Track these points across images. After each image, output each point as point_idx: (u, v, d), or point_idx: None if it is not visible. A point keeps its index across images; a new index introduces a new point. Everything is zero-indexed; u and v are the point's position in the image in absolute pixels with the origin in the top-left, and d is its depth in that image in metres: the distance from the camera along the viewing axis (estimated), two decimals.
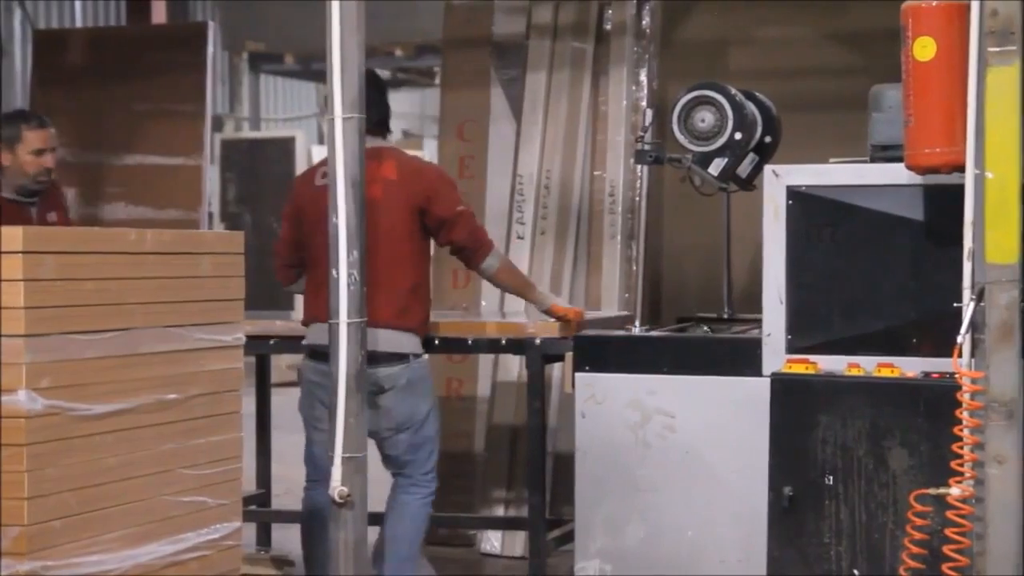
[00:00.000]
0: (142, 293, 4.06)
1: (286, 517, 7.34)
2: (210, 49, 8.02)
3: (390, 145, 6.18)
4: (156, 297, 4.11)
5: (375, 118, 5.70)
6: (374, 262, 5.49)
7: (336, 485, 5.23)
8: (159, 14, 11.28)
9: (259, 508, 7.26)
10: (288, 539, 7.41)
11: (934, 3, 4.93)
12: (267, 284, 6.48)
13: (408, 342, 5.81)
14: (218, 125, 15.17)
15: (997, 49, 4.64)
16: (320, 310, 5.47)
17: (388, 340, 5.72)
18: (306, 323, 5.89)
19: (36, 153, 6.14)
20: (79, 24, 13.00)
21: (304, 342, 5.91)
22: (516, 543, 7.21)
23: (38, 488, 3.71)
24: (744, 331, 5.80)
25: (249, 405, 5.36)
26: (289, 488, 7.41)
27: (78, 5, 13.14)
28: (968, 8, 4.76)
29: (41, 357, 3.72)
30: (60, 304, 3.80)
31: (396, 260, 5.78)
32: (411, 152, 18.75)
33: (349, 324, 5.20)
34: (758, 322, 5.55)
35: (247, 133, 16.98)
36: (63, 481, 3.79)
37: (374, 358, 5.52)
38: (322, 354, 5.44)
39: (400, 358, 5.78)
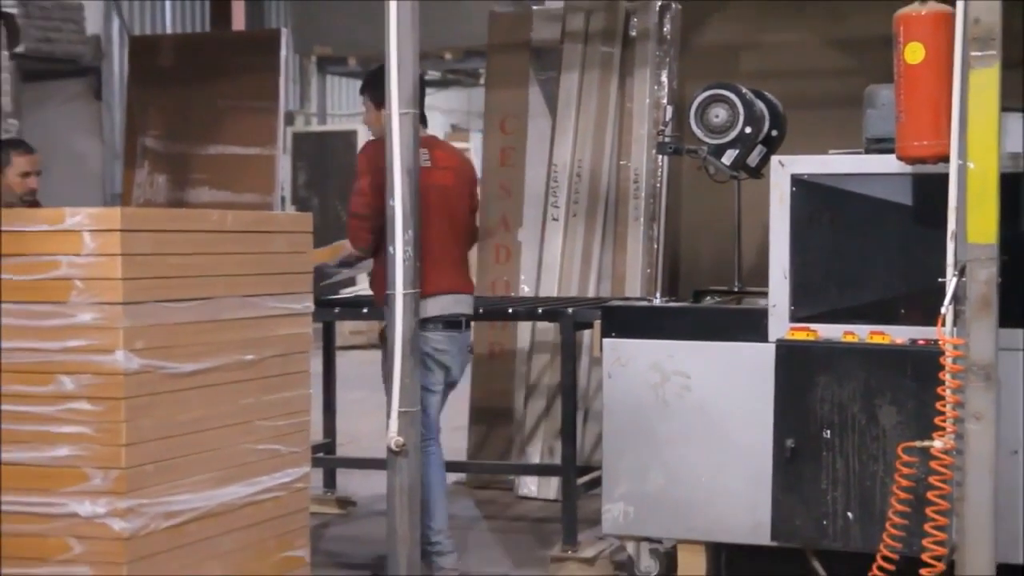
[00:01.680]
0: (223, 266, 4.08)
1: (349, 463, 7.38)
2: (283, 53, 8.01)
3: (432, 134, 6.14)
4: (236, 270, 4.12)
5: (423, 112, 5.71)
6: (456, 239, 5.75)
7: (393, 436, 5.25)
8: (239, 22, 11.31)
9: (325, 455, 7.27)
10: (350, 482, 7.45)
11: (923, 12, 4.90)
12: None
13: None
14: (289, 120, 15.19)
15: (979, 53, 4.62)
16: (443, 284, 5.56)
17: (471, 304, 5.85)
18: (427, 296, 5.52)
19: (23, 175, 6.37)
20: (169, 30, 13.02)
21: (429, 313, 5.54)
22: (550, 487, 7.21)
23: (134, 436, 3.73)
24: (752, 302, 5.78)
25: (316, 365, 5.38)
26: (352, 438, 7.43)
27: (168, 14, 13.15)
28: (953, 17, 4.74)
29: (136, 322, 3.74)
30: (153, 276, 3.81)
31: (465, 237, 5.91)
32: (457, 145, 18.81)
33: (405, 295, 5.22)
34: (764, 294, 5.53)
35: (315, 127, 16.96)
36: (155, 430, 3.81)
37: (463, 321, 5.72)
38: (453, 323, 5.61)
39: (471, 320, 5.90)
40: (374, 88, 5.69)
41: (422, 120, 5.50)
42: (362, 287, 11.52)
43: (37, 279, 3.75)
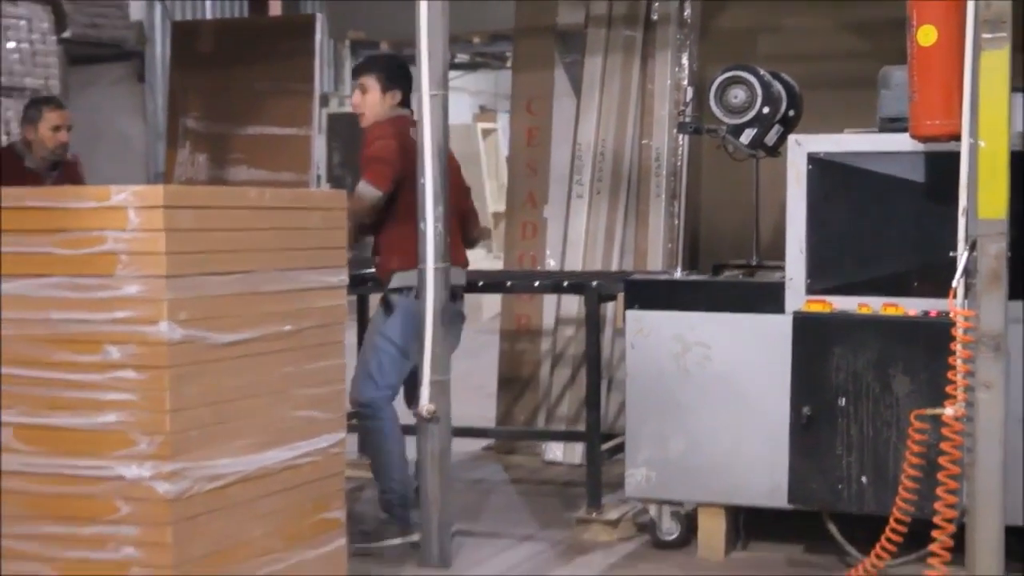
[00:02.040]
0: (262, 241, 4.08)
1: None
2: (318, 37, 8.00)
3: None
4: (274, 245, 4.12)
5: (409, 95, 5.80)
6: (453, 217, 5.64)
7: (425, 403, 5.26)
8: (275, 8, 11.31)
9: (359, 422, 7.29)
10: None
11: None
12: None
13: None
14: (324, 101, 15.19)
15: (990, 36, 4.60)
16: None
17: (461, 276, 5.82)
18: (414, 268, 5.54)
19: (54, 129, 6.43)
20: (209, 16, 13.03)
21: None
22: (575, 453, 7.22)
23: (177, 403, 3.74)
24: (770, 276, 5.77)
25: (351, 336, 5.39)
26: None
27: (208, 0, 13.20)
28: (965, 0, 4.74)
29: (180, 294, 3.74)
30: (195, 250, 3.81)
31: (457, 216, 5.87)
32: (485, 126, 18.68)
33: (435, 268, 5.23)
34: (781, 268, 5.53)
35: (348, 108, 16.97)
36: (198, 398, 3.82)
37: (457, 292, 5.71)
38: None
39: (462, 290, 5.87)
40: (383, 71, 5.80)
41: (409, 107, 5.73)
42: None
43: (85, 253, 3.75)
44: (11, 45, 9.31)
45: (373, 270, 6.02)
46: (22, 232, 3.85)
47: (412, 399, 5.67)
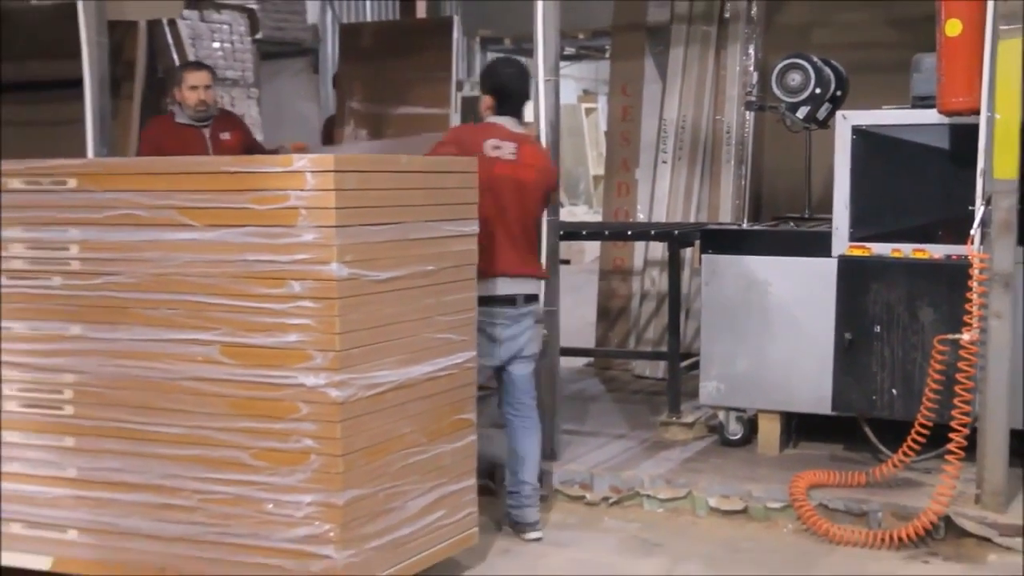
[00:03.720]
0: (410, 198, 4.09)
1: None
2: (454, 35, 8.03)
3: (527, 133, 4.94)
4: (419, 201, 4.13)
5: (522, 106, 4.92)
6: (524, 230, 4.82)
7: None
8: (421, 11, 11.33)
9: None
10: None
11: None
12: None
13: None
14: (459, 87, 15.17)
15: (1007, 27, 4.62)
16: (505, 268, 4.71)
17: (534, 285, 4.89)
18: (490, 276, 4.70)
19: (192, 89, 5.88)
20: (369, 18, 13.08)
21: (490, 292, 4.70)
22: (659, 369, 7.21)
23: (344, 327, 3.78)
24: (819, 226, 5.71)
25: None
26: None
27: (368, 5, 13.22)
28: None
29: (346, 241, 3.77)
30: (358, 205, 3.83)
31: (534, 228, 4.94)
32: (588, 105, 18.40)
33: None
34: (829, 220, 5.48)
35: (478, 92, 16.98)
36: (360, 323, 3.86)
37: (517, 299, 4.79)
38: (508, 300, 4.75)
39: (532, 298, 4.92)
40: (482, 78, 5.10)
41: (518, 115, 4.87)
42: None
43: (273, 208, 3.80)
44: (216, 45, 9.43)
45: None
46: (224, 191, 3.89)
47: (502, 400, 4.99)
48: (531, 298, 4.83)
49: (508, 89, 4.88)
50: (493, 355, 4.77)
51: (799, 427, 5.73)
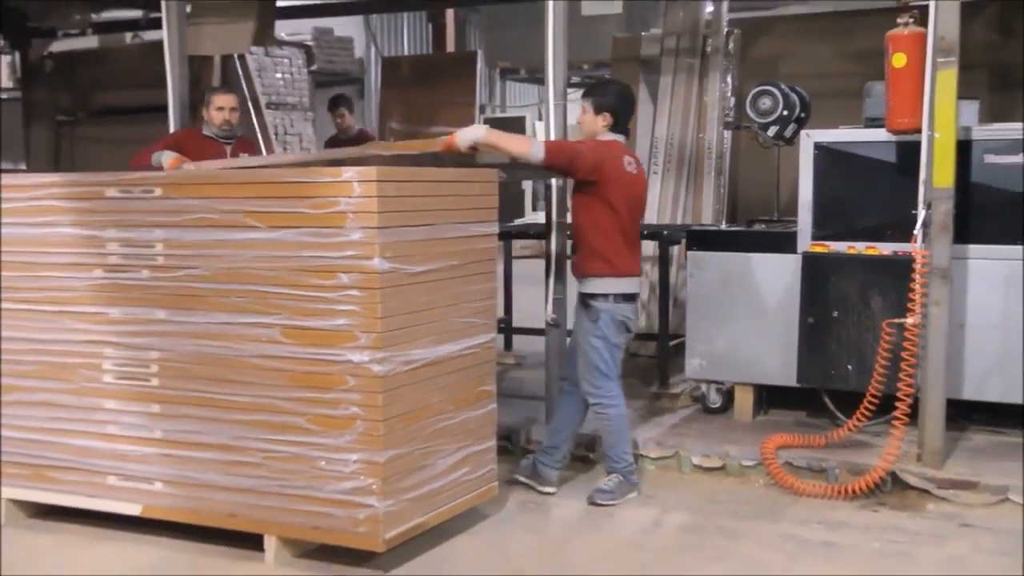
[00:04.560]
0: (440, 204, 4.09)
1: (520, 331, 7.42)
2: (478, 66, 8.06)
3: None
4: (448, 206, 4.12)
5: (627, 124, 4.67)
6: (638, 232, 4.74)
7: (549, 314, 5.21)
8: (450, 46, 11.33)
9: (505, 326, 7.37)
10: (521, 343, 7.47)
11: (906, 32, 4.85)
12: (507, 199, 6.13)
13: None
14: (482, 110, 15.22)
15: (943, 59, 4.60)
16: (634, 268, 4.64)
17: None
18: (624, 275, 4.62)
19: (218, 109, 5.48)
20: (406, 52, 13.09)
21: (625, 291, 4.60)
22: (651, 348, 7.17)
23: (385, 312, 3.79)
24: (786, 227, 5.70)
25: (499, 268, 5.42)
26: (523, 315, 7.45)
27: (405, 41, 13.23)
28: (926, 35, 4.67)
29: (386, 240, 3.78)
30: (396, 210, 3.84)
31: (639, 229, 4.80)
32: None
33: None
34: (794, 222, 5.47)
35: (498, 114, 16.96)
36: (398, 308, 3.86)
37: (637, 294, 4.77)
38: (633, 296, 4.66)
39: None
40: (595, 95, 4.60)
41: (626, 133, 4.66)
42: (529, 218, 11.54)
43: (325, 212, 3.81)
44: (278, 75, 9.44)
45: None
46: (284, 198, 3.90)
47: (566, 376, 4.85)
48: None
49: (626, 109, 4.63)
50: (624, 341, 4.68)
51: (769, 397, 5.72)
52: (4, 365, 4.49)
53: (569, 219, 4.89)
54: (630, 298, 4.66)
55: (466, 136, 4.37)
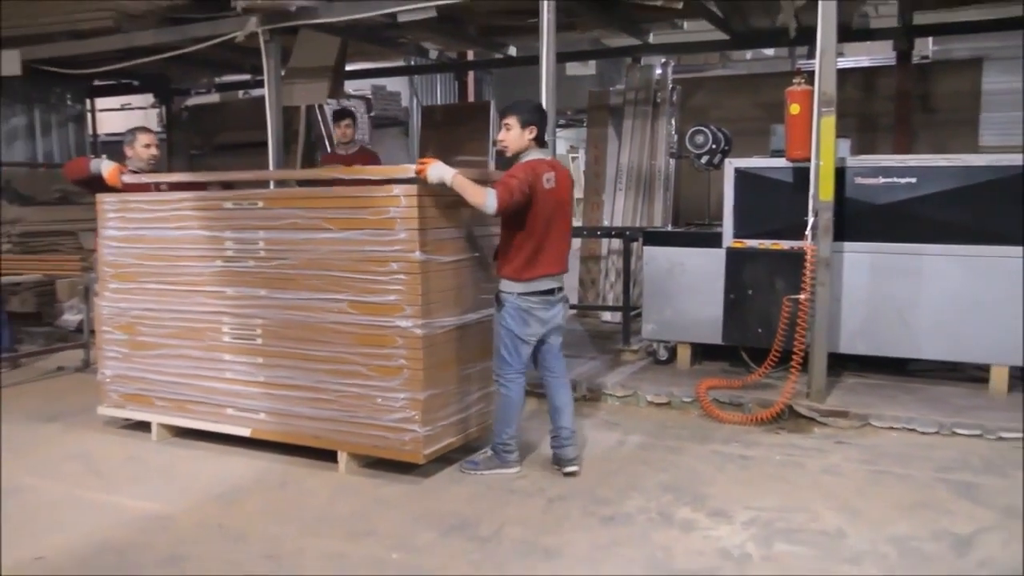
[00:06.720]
0: (464, 214, 4.03)
1: None
2: (491, 112, 7.99)
3: (554, 159, 3.93)
4: (469, 214, 4.05)
5: (544, 136, 3.82)
6: (563, 237, 3.84)
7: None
8: (471, 96, 11.25)
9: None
10: None
11: (799, 89, 4.82)
12: None
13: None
14: (494, 144, 15.07)
15: (825, 109, 4.54)
16: (546, 269, 3.78)
17: (562, 280, 3.93)
18: (534, 278, 3.80)
19: (145, 146, 4.80)
20: (439, 101, 13.01)
21: (533, 289, 3.80)
22: (617, 316, 7.16)
23: (424, 290, 3.78)
24: (714, 229, 5.67)
25: None
26: None
27: (439, 93, 13.14)
28: (813, 91, 4.60)
29: (424, 238, 3.76)
30: (432, 216, 3.82)
31: (568, 235, 3.90)
32: (573, 155, 17.89)
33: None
34: (720, 225, 5.43)
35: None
36: (433, 288, 3.84)
37: (554, 291, 3.88)
38: (548, 292, 3.81)
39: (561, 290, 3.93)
40: (521, 112, 3.77)
41: (544, 145, 3.84)
42: None
43: (380, 217, 3.80)
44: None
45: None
46: (351, 207, 3.89)
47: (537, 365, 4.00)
48: (561, 288, 3.89)
49: (544, 121, 3.83)
50: (537, 331, 3.83)
51: (702, 352, 5.70)
52: (155, 329, 4.51)
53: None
54: (544, 294, 3.79)
55: (435, 174, 3.69)
